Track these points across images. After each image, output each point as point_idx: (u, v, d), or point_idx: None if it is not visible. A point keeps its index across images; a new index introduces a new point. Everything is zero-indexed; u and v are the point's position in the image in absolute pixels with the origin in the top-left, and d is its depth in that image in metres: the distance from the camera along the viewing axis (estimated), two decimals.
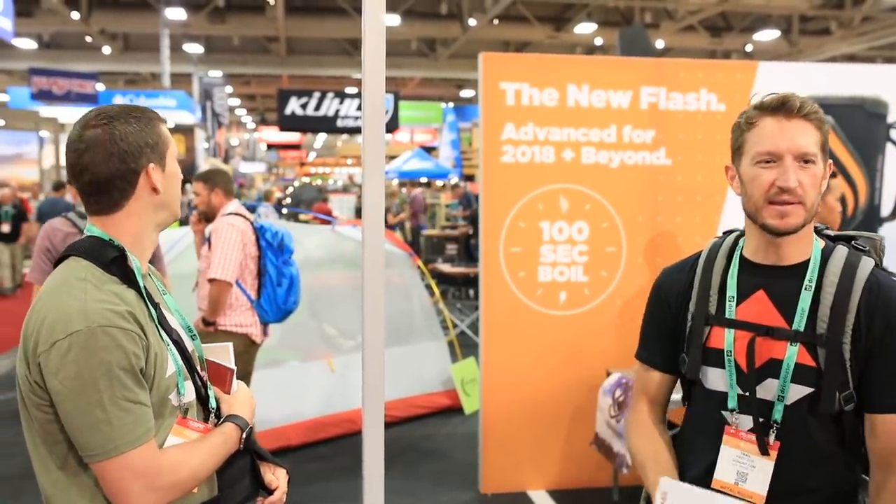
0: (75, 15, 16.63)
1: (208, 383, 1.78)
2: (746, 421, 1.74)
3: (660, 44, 17.19)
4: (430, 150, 25.32)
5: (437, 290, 7.41)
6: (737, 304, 1.78)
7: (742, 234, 1.88)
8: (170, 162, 1.70)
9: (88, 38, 19.45)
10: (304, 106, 20.51)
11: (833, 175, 3.95)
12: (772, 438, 1.71)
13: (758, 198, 1.71)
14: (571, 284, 4.70)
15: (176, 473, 1.56)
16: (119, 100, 18.21)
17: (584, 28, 17.41)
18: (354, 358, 6.08)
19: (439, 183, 21.04)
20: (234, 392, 1.83)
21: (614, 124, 4.66)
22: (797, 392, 1.70)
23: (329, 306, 6.37)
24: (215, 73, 22.11)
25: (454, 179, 21.62)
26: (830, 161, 1.75)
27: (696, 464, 1.84)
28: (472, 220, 12.38)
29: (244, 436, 1.74)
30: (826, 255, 1.74)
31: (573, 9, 17.36)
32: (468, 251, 12.02)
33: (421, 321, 6.66)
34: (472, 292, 9.97)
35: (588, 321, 4.72)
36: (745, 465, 1.73)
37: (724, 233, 1.97)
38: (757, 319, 1.75)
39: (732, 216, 4.75)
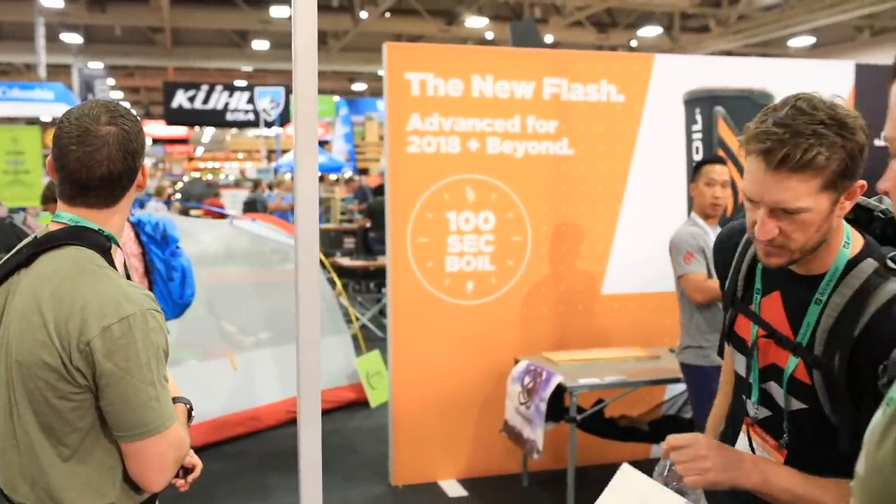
0: None
1: None
2: (765, 412, 1.68)
3: (549, 38, 17.49)
4: (322, 143, 25.04)
5: (339, 284, 7.33)
6: (761, 297, 1.68)
7: None
8: None
9: None
10: (191, 99, 19.95)
11: (723, 161, 4.10)
12: (782, 443, 1.63)
13: (747, 227, 1.57)
14: (478, 274, 4.73)
15: (185, 446, 1.72)
16: None
17: (476, 22, 17.54)
18: (257, 355, 5.96)
19: (333, 177, 20.81)
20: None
21: (518, 115, 4.71)
22: (795, 404, 1.60)
23: (228, 303, 6.21)
24: (96, 65, 21.16)
25: (348, 173, 21.43)
26: (862, 182, 1.49)
27: (729, 440, 1.79)
28: (369, 213, 12.31)
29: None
30: (849, 269, 1.52)
31: (464, 3, 17.47)
32: (366, 244, 11.95)
33: (324, 315, 6.57)
34: (372, 285, 9.92)
35: (495, 310, 4.76)
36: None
37: None
38: (769, 319, 1.65)
39: (633, 205, 4.88)
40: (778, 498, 1.53)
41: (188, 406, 1.86)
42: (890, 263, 1.49)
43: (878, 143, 5.79)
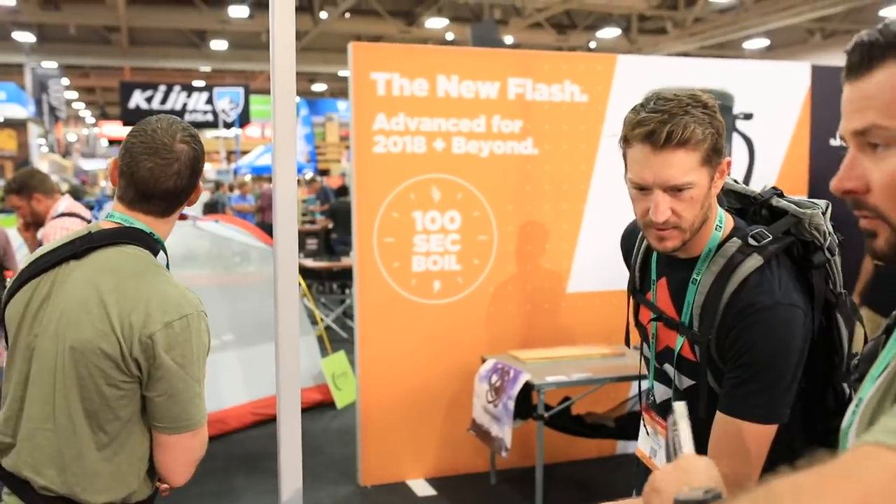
0: None
1: None
2: (664, 393, 1.80)
3: (508, 39, 17.59)
4: None
5: (303, 285, 7.30)
6: (653, 287, 1.81)
7: None
8: None
9: None
10: (149, 99, 19.71)
11: None
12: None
13: (638, 218, 1.67)
14: (445, 273, 4.74)
15: (205, 447, 1.83)
16: None
17: (436, 23, 17.58)
18: (221, 357, 5.90)
19: None
20: None
21: (483, 115, 4.74)
22: (685, 381, 1.71)
23: None
24: (50, 64, 20.83)
25: (309, 174, 21.34)
26: (728, 158, 1.63)
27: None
28: (332, 214, 12.28)
29: None
30: (716, 251, 1.66)
31: (424, 3, 17.50)
32: (329, 245, 11.91)
33: None
34: (335, 286, 9.89)
35: (462, 309, 4.78)
36: (654, 441, 1.80)
37: None
38: (659, 304, 1.77)
39: (597, 204, 4.94)
40: None
41: None
42: (751, 241, 1.61)
43: (834, 143, 5.90)
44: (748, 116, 5.28)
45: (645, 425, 1.84)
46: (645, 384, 1.84)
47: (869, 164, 0.94)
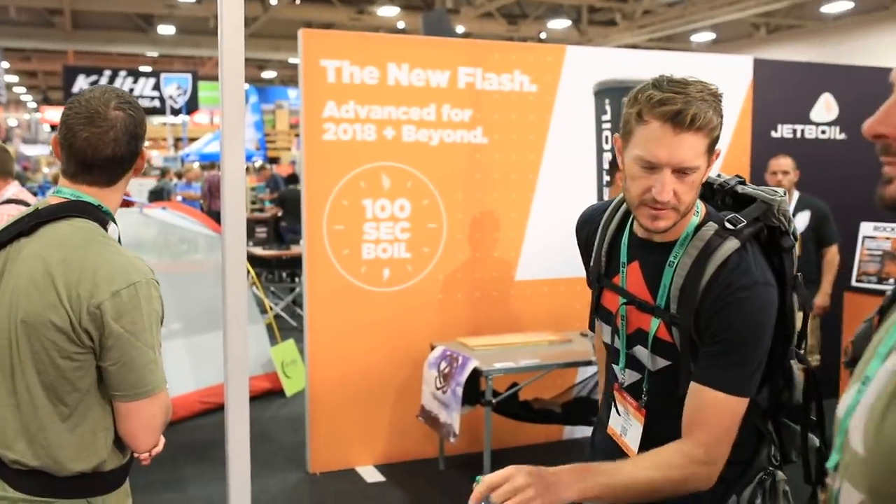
0: None
1: None
2: (633, 376, 1.82)
3: (460, 29, 17.60)
4: None
5: (252, 273, 7.25)
6: (624, 271, 1.82)
7: None
8: None
9: None
10: (93, 84, 19.26)
11: None
12: (641, 403, 1.78)
13: (634, 196, 1.67)
14: (394, 261, 4.77)
15: (170, 411, 1.85)
16: None
17: (387, 11, 17.50)
18: (168, 346, 5.80)
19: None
20: None
21: (434, 103, 4.76)
22: (660, 362, 1.75)
23: None
24: None
25: (259, 162, 21.13)
26: (718, 149, 1.66)
27: (605, 409, 1.95)
28: (281, 202, 12.19)
29: None
30: (696, 234, 1.69)
31: None
32: (278, 234, 11.83)
33: None
34: (284, 275, 9.84)
35: (411, 297, 4.81)
36: (626, 421, 1.84)
37: None
38: (631, 289, 1.79)
39: (545, 193, 5.00)
40: (609, 497, 1.56)
41: None
42: (727, 224, 1.67)
43: (775, 134, 6.06)
44: None
45: (616, 405, 1.87)
46: (617, 371, 1.86)
47: None
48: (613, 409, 1.88)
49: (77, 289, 1.70)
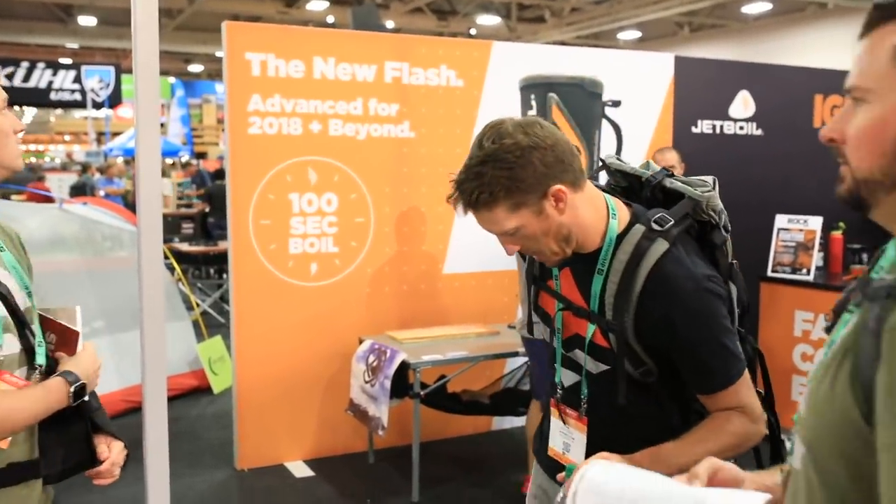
0: None
1: (43, 342, 1.73)
2: (571, 379, 1.81)
3: (389, 24, 17.56)
4: None
5: (178, 270, 7.13)
6: (559, 273, 1.81)
7: None
8: None
9: None
10: (10, 76, 18.66)
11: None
12: (581, 412, 1.76)
13: None
14: (322, 256, 4.75)
15: (8, 421, 1.55)
16: None
17: (316, 5, 17.36)
18: (90, 344, 5.69)
19: (169, 161, 20.06)
20: (78, 352, 1.77)
21: (360, 97, 4.76)
22: (600, 366, 1.73)
23: (57, 292, 5.89)
24: None
25: (185, 157, 20.73)
26: (559, 186, 1.60)
27: (547, 426, 1.92)
28: (209, 198, 12.00)
29: (72, 391, 1.67)
30: (621, 240, 1.67)
31: None
32: (206, 230, 11.64)
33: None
34: (212, 271, 9.69)
35: (339, 291, 4.81)
36: (566, 436, 1.81)
37: None
38: (565, 293, 1.78)
39: None
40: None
41: (70, 381, 1.68)
42: (654, 226, 1.65)
43: (695, 130, 6.21)
44: (616, 104, 5.50)
45: (553, 420, 1.85)
46: (555, 375, 1.84)
47: (849, 117, 1.05)
48: (553, 427, 1.86)
49: None
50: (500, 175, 1.56)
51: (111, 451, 1.82)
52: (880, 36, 1.01)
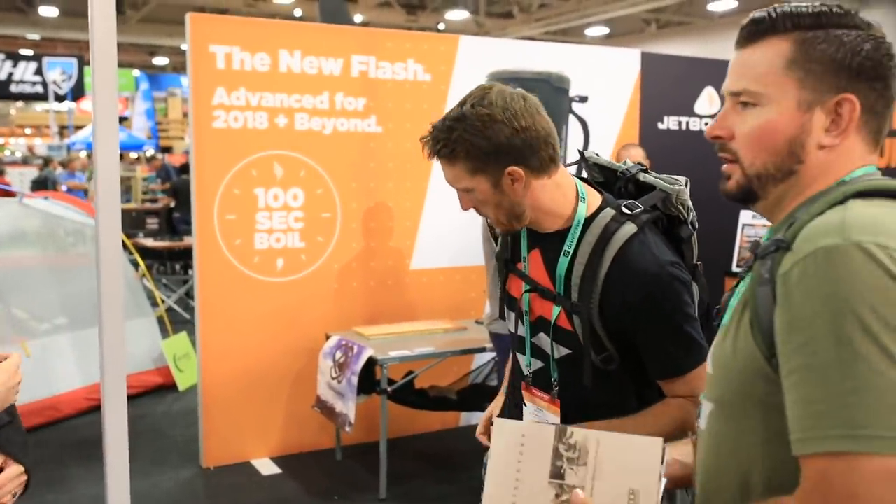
0: None
1: None
2: (537, 364, 1.82)
3: (358, 18, 17.47)
4: (122, 120, 23.72)
5: (142, 265, 7.04)
6: (528, 255, 1.83)
7: None
8: None
9: None
10: None
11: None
12: (554, 394, 1.77)
13: None
14: (288, 251, 4.71)
15: None
16: None
17: None
18: (53, 341, 5.62)
19: (134, 155, 19.81)
20: None
21: (327, 91, 4.72)
22: (562, 350, 1.74)
23: (17, 287, 5.80)
24: None
25: (150, 151, 20.47)
26: (517, 168, 1.66)
27: (508, 409, 1.94)
28: (174, 192, 11.86)
29: None
30: (589, 222, 1.69)
31: None
32: (171, 225, 11.51)
33: (127, 298, 6.28)
34: (178, 267, 9.58)
35: (306, 286, 4.77)
36: (541, 418, 1.81)
37: None
38: (533, 275, 1.79)
39: (440, 182, 5.01)
40: None
41: None
42: (624, 209, 1.69)
43: (661, 126, 6.24)
44: (583, 99, 5.51)
45: (525, 404, 1.85)
46: (522, 361, 1.85)
47: (736, 118, 1.17)
48: (525, 411, 1.85)
49: None
50: (465, 137, 1.65)
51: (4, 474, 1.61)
52: (770, 46, 1.13)
